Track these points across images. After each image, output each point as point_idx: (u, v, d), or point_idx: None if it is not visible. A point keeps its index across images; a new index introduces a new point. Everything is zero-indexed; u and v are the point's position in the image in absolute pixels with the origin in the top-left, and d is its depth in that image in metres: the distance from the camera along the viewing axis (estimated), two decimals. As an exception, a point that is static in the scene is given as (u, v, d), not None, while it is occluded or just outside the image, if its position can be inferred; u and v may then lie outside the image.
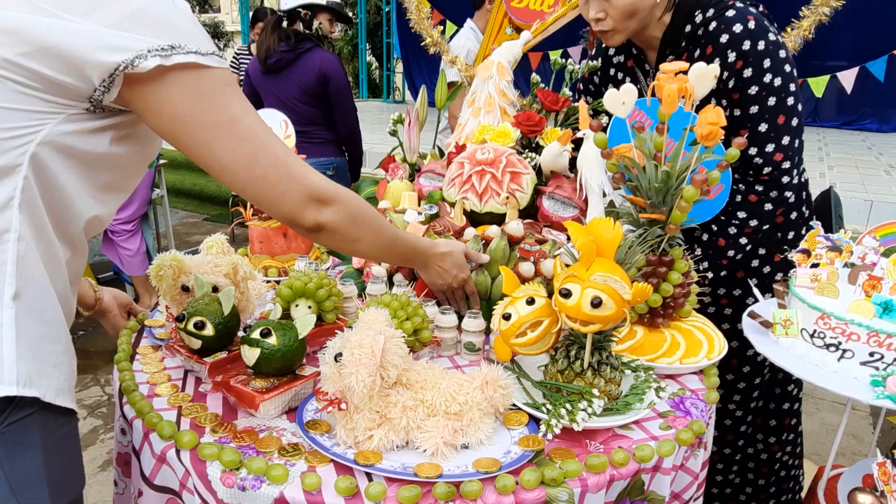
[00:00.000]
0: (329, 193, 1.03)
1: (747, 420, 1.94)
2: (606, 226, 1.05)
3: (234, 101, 0.91)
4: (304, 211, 1.01)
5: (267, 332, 1.15)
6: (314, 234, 1.06)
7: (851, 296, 1.34)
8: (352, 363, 0.99)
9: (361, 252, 1.19)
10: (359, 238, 1.12)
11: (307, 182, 1.00)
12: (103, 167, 0.91)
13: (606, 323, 1.03)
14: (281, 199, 0.98)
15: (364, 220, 1.12)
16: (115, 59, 0.80)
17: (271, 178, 0.96)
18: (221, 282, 1.40)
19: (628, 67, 1.88)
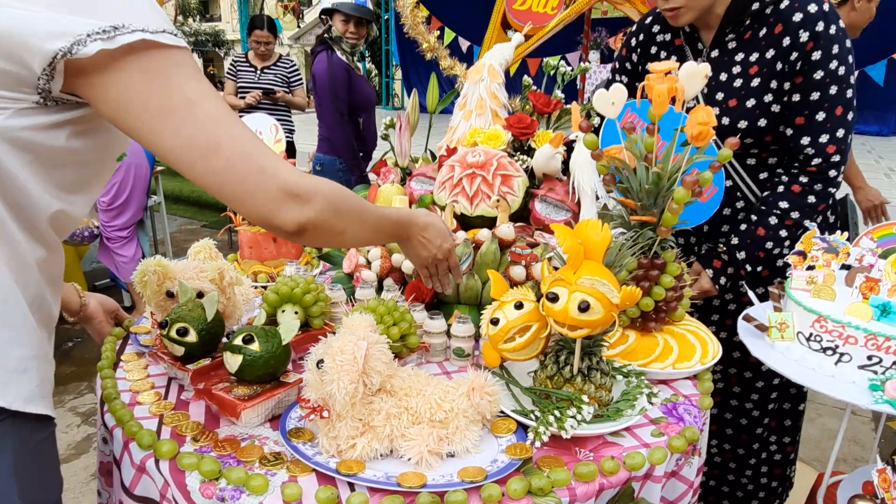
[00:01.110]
0: (307, 188, 0.93)
1: (763, 422, 1.91)
2: (594, 228, 1.03)
3: (192, 83, 0.82)
4: (280, 210, 0.90)
5: (249, 338, 1.12)
6: (297, 237, 0.96)
7: (848, 298, 1.32)
8: (333, 370, 0.96)
9: (347, 242, 1.10)
10: (344, 229, 1.02)
11: (281, 176, 0.90)
12: (63, 164, 0.86)
13: (595, 327, 1.01)
14: (252, 195, 0.88)
15: (347, 209, 1.02)
16: (52, 47, 0.73)
17: (238, 170, 0.86)
18: (207, 287, 1.38)
19: (676, 46, 1.80)
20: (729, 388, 1.91)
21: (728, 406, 1.94)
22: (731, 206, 1.76)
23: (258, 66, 5.08)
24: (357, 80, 3.77)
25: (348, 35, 3.62)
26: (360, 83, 3.79)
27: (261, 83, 5.01)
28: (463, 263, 1.55)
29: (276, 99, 4.98)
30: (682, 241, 1.88)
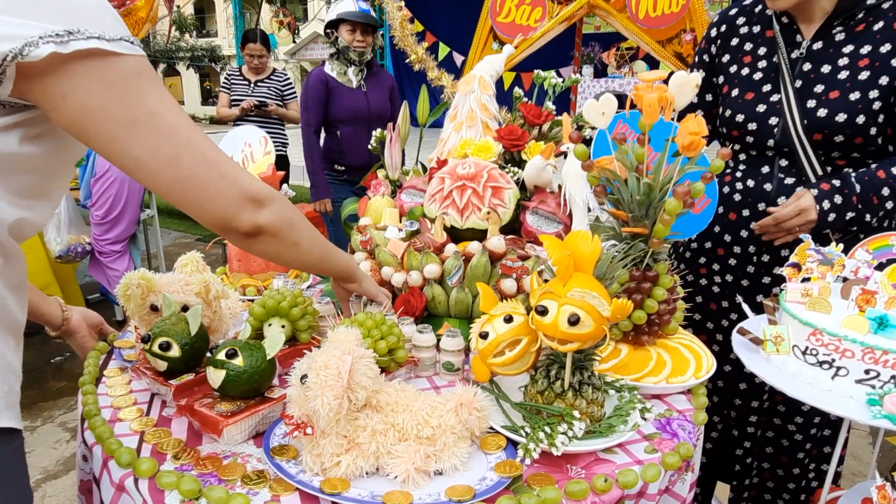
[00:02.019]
0: (264, 193, 0.95)
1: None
2: (584, 239, 1.01)
3: (152, 94, 0.82)
4: (239, 213, 0.92)
5: (233, 352, 1.10)
6: (252, 240, 0.97)
7: (844, 311, 1.30)
8: (317, 385, 0.94)
9: (297, 257, 1.08)
10: (297, 242, 1.04)
11: (241, 182, 0.92)
12: (17, 170, 0.83)
13: (585, 341, 0.98)
14: (213, 201, 0.89)
15: (301, 224, 1.04)
16: (2, 48, 0.71)
17: (200, 178, 0.87)
18: (192, 301, 1.35)
19: (767, 38, 1.73)
20: (728, 400, 1.89)
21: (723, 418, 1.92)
22: None
23: (252, 79, 5.09)
24: (341, 91, 3.76)
25: (355, 44, 3.64)
26: (343, 95, 3.78)
27: (254, 96, 5.01)
28: (453, 276, 1.53)
29: (269, 112, 4.97)
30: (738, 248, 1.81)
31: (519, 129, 1.79)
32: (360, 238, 1.79)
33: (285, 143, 5.28)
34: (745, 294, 1.81)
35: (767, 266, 1.76)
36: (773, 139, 1.69)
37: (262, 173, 1.84)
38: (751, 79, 1.73)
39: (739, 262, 1.81)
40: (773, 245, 1.72)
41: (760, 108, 1.70)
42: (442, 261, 1.58)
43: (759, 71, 1.72)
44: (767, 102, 1.70)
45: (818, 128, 1.60)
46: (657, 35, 2.05)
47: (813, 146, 1.63)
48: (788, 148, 1.66)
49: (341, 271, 1.28)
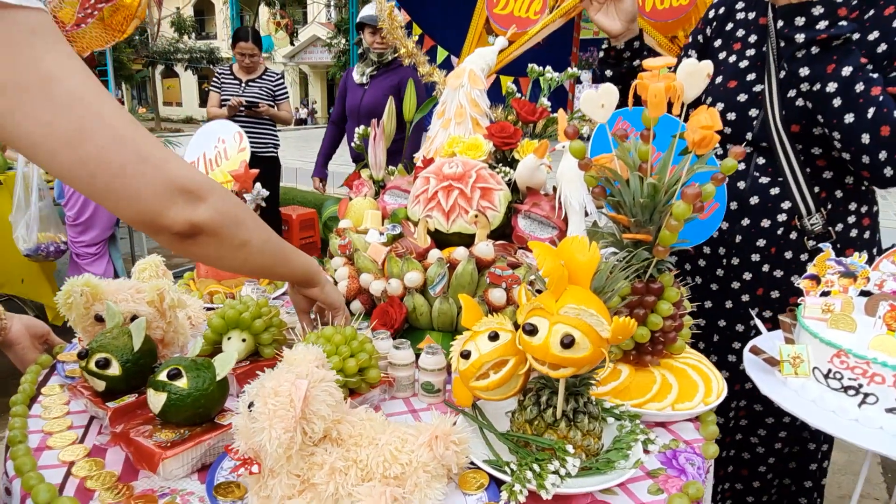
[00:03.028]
0: (202, 184, 0.79)
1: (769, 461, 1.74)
2: (581, 247, 0.87)
3: (50, 56, 0.68)
4: (169, 208, 0.76)
5: (176, 372, 0.96)
6: (187, 241, 0.81)
7: (871, 329, 1.17)
8: (264, 416, 0.80)
9: (250, 261, 0.93)
10: (245, 242, 0.88)
11: (169, 169, 0.76)
12: None
13: (580, 366, 0.84)
14: (132, 190, 0.73)
15: (248, 219, 0.89)
16: None
17: (112, 160, 0.71)
18: (143, 311, 1.21)
19: (760, 26, 1.62)
20: (735, 421, 1.75)
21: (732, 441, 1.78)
22: (772, 218, 1.58)
23: (243, 78, 4.94)
24: (350, 88, 4.25)
25: (375, 45, 4.02)
26: (350, 92, 4.25)
27: (245, 96, 4.86)
28: (436, 285, 1.39)
29: (260, 112, 4.83)
30: (708, 249, 1.70)
31: (511, 126, 1.65)
32: (339, 242, 1.65)
33: (276, 145, 5.14)
34: (713, 299, 1.70)
35: (737, 270, 1.65)
36: (752, 132, 1.58)
37: (234, 170, 1.70)
38: (736, 67, 1.63)
39: (708, 264, 1.70)
40: (743, 247, 1.62)
41: (741, 98, 1.60)
42: (425, 268, 1.44)
43: (746, 59, 1.62)
44: (749, 92, 1.59)
45: (796, 118, 1.50)
46: (664, 29, 1.92)
47: (791, 140, 1.52)
48: (767, 142, 1.56)
49: (300, 275, 1.12)
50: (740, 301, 1.64)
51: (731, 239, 1.62)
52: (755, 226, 1.58)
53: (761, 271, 1.60)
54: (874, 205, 1.62)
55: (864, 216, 1.59)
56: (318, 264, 1.16)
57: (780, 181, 1.56)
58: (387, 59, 4.08)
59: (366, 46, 4.12)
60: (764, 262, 1.59)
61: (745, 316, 1.66)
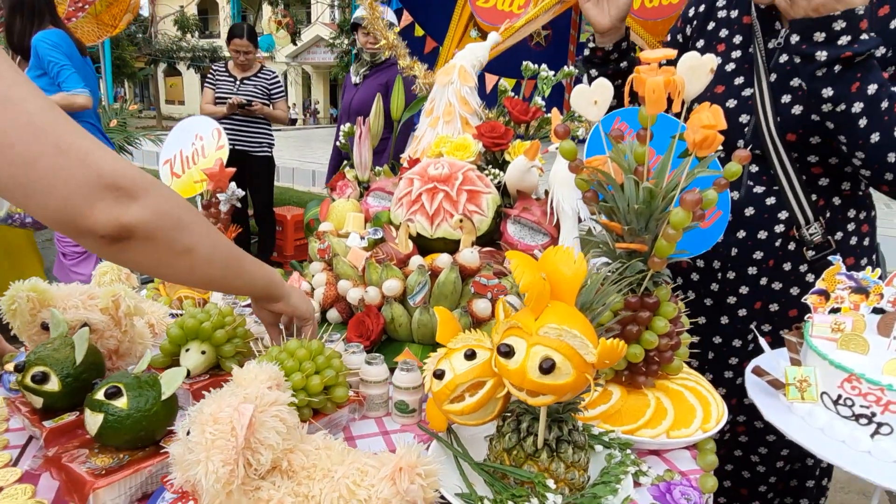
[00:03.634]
0: (135, 180, 0.70)
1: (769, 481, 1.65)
2: (566, 258, 0.77)
3: None
4: (93, 206, 0.66)
5: (115, 391, 0.86)
6: (116, 246, 0.71)
7: (885, 351, 1.07)
8: (201, 446, 0.70)
9: (197, 271, 0.83)
10: (190, 248, 0.77)
11: (94, 161, 0.67)
12: None
13: (562, 394, 0.75)
14: (47, 185, 0.63)
15: (194, 222, 0.79)
16: None
17: (23, 151, 0.62)
18: (94, 318, 1.12)
19: (744, 25, 1.52)
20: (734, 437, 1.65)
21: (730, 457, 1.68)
22: (769, 229, 1.48)
23: (238, 76, 4.86)
24: (347, 88, 4.30)
25: (368, 45, 4.02)
26: (346, 91, 4.31)
27: (239, 94, 4.78)
28: (416, 295, 1.29)
29: (254, 111, 4.74)
30: (702, 262, 1.60)
31: (502, 125, 1.56)
32: (318, 246, 1.56)
33: (272, 144, 5.05)
34: (707, 315, 1.60)
35: (733, 284, 1.55)
36: (744, 140, 1.48)
37: (209, 169, 1.61)
38: (723, 70, 1.52)
39: (702, 278, 1.60)
40: (739, 260, 1.52)
41: (731, 104, 1.49)
42: (406, 275, 1.35)
43: (733, 62, 1.51)
44: (739, 97, 1.49)
45: (792, 126, 1.40)
46: (653, 30, 1.83)
47: (786, 148, 1.42)
48: (760, 150, 1.46)
49: (260, 289, 1.02)
50: (737, 316, 1.55)
51: (726, 252, 1.52)
52: (752, 238, 1.49)
53: (759, 284, 1.51)
54: (872, 209, 1.53)
55: (863, 222, 1.50)
56: (279, 276, 1.07)
57: (775, 190, 1.46)
58: (380, 59, 4.09)
59: (359, 46, 4.16)
60: (762, 275, 1.50)
61: (741, 331, 1.56)
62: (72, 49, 3.14)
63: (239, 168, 5.32)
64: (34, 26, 3.15)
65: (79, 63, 3.19)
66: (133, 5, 4.43)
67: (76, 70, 3.09)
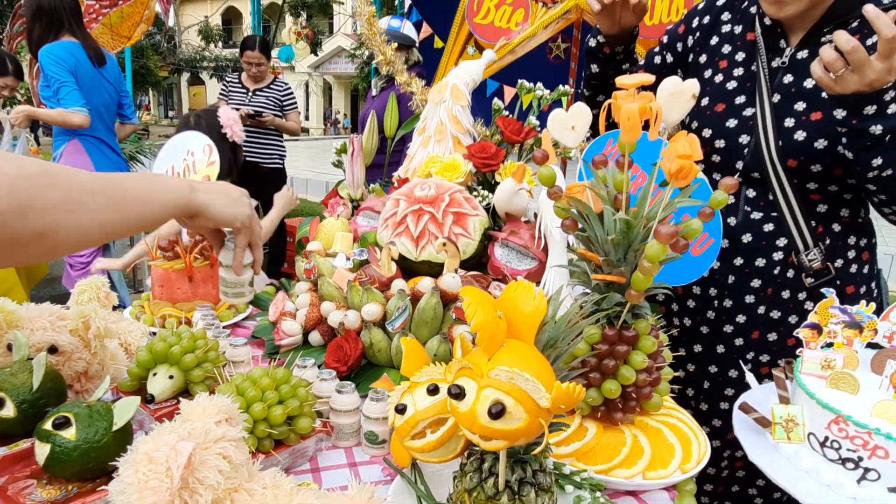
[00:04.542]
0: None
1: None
2: (525, 295, 0.74)
3: None
4: None
5: (63, 421, 0.84)
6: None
7: (876, 391, 1.02)
8: (133, 487, 0.67)
9: (60, 247, 0.71)
10: (45, 231, 0.66)
11: None
12: None
13: (513, 439, 0.71)
14: None
15: (45, 196, 0.67)
16: None
17: None
18: (62, 340, 1.10)
19: (747, 41, 1.46)
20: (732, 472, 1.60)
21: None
22: (767, 256, 1.43)
23: (250, 87, 4.88)
24: (368, 101, 4.26)
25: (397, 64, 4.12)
26: (367, 104, 4.25)
27: (251, 105, 4.80)
28: (395, 320, 1.26)
29: (265, 122, 4.76)
30: (698, 289, 1.55)
31: (493, 145, 1.53)
32: (305, 266, 1.53)
33: (283, 156, 5.06)
34: (703, 343, 1.55)
35: (730, 312, 1.50)
36: (743, 161, 1.43)
37: (195, 186, 1.59)
38: (724, 87, 1.47)
39: (698, 305, 1.54)
40: (736, 288, 1.47)
41: (731, 123, 1.44)
42: (387, 299, 1.32)
43: (734, 79, 1.46)
44: (740, 117, 1.43)
45: (794, 153, 1.34)
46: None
47: (787, 173, 1.37)
48: (759, 173, 1.41)
49: (167, 214, 0.85)
50: (733, 345, 1.49)
51: (723, 279, 1.47)
52: (749, 265, 1.44)
53: (756, 313, 1.45)
54: (873, 236, 1.48)
55: (864, 249, 1.45)
56: (188, 189, 0.89)
57: (774, 216, 1.41)
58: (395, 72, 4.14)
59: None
60: (759, 303, 1.44)
61: (738, 361, 1.51)
62: (78, 64, 3.15)
63: (250, 179, 5.34)
64: (51, 34, 3.18)
65: (87, 77, 3.20)
66: (147, 17, 4.48)
67: (78, 87, 3.10)
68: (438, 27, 2.59)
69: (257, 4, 12.20)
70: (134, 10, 4.28)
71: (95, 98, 3.28)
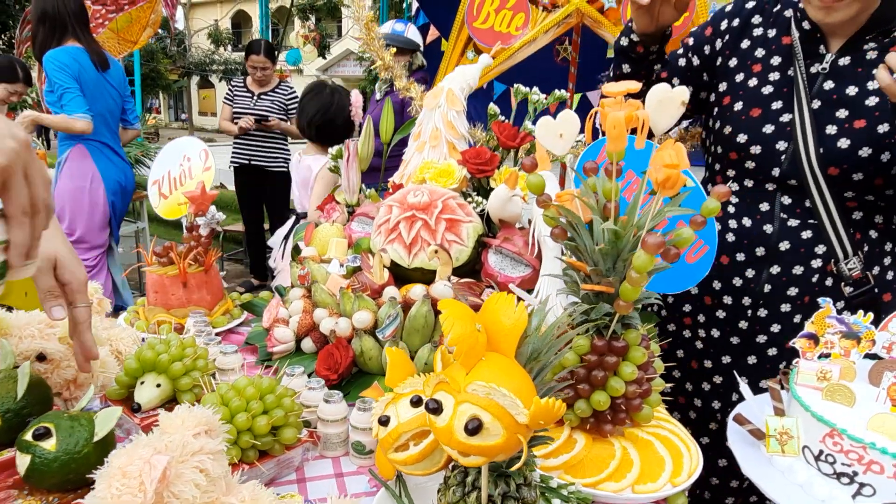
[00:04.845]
0: None
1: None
2: (506, 307, 0.73)
3: None
4: None
5: (43, 431, 0.83)
6: None
7: (873, 404, 1.00)
8: (106, 502, 0.66)
9: None
10: None
11: None
12: None
13: (491, 455, 0.69)
14: None
15: None
16: None
17: None
18: (51, 348, 1.09)
19: (783, 46, 1.43)
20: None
21: None
22: (805, 264, 1.41)
23: (255, 91, 4.90)
24: (372, 104, 3.98)
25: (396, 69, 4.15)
26: (371, 108, 4.00)
27: (256, 109, 4.82)
28: (386, 328, 1.25)
29: (270, 126, 4.77)
30: (729, 299, 1.52)
31: (487, 151, 1.51)
32: (299, 272, 1.53)
33: (287, 159, 5.07)
34: (734, 354, 1.52)
35: (764, 322, 1.47)
36: (780, 168, 1.40)
37: (190, 192, 1.59)
38: (759, 92, 1.44)
39: (730, 316, 1.51)
40: (772, 297, 1.44)
41: (768, 129, 1.41)
42: (379, 306, 1.31)
43: (770, 84, 1.43)
44: (777, 123, 1.40)
45: (836, 161, 1.32)
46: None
47: (827, 181, 1.34)
48: (797, 180, 1.39)
49: None
50: (766, 356, 1.47)
51: (758, 289, 1.44)
52: (786, 273, 1.41)
53: (792, 322, 1.42)
54: None
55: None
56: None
57: (812, 224, 1.39)
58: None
59: None
60: (795, 312, 1.41)
61: (770, 372, 1.48)
62: (82, 69, 3.16)
63: (255, 183, 5.33)
64: (55, 39, 3.19)
65: (91, 83, 3.22)
66: (153, 20, 4.50)
67: (82, 93, 3.11)
68: (444, 29, 2.58)
69: (265, 8, 12.27)
70: (140, 15, 4.30)
71: (100, 103, 3.29)
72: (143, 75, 10.44)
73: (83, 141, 3.28)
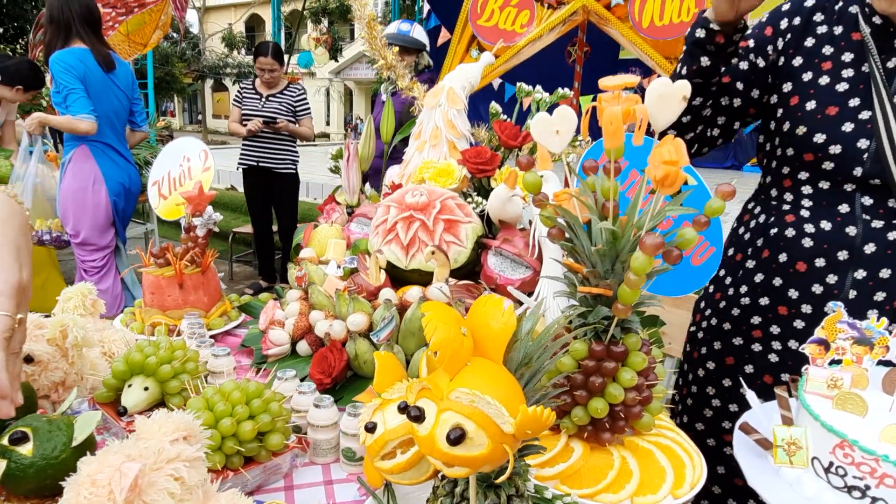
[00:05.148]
0: None
1: None
2: (494, 310, 0.69)
3: None
4: None
5: (20, 436, 0.81)
6: None
7: (886, 414, 0.95)
8: (73, 511, 0.64)
9: None
10: None
11: None
12: None
13: (476, 466, 0.66)
14: None
15: None
16: None
17: None
18: (38, 350, 1.07)
19: (853, 42, 1.38)
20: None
21: None
22: (893, 267, 1.34)
23: (264, 93, 4.89)
24: (378, 105, 4.11)
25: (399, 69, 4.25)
26: (377, 109, 4.13)
27: (264, 111, 4.81)
28: (380, 331, 1.22)
29: (279, 128, 4.76)
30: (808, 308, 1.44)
31: (488, 150, 1.48)
32: (296, 273, 1.50)
33: (295, 161, 5.06)
34: None
35: None
36: (862, 168, 1.33)
37: (187, 192, 1.57)
38: (833, 90, 1.37)
39: (809, 326, 1.43)
40: (858, 303, 1.36)
41: (847, 128, 1.35)
42: (375, 309, 1.28)
43: (844, 81, 1.36)
44: (856, 120, 1.34)
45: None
46: (663, 49, 1.72)
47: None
48: (880, 179, 1.32)
49: None
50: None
51: (842, 295, 1.38)
52: (872, 278, 1.35)
53: None
54: None
55: None
56: None
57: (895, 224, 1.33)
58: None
59: None
60: (882, 318, 1.36)
61: None
62: (88, 70, 3.17)
63: (264, 185, 5.33)
64: (60, 41, 3.20)
65: (97, 84, 3.22)
66: (163, 23, 4.51)
67: (87, 94, 3.12)
68: (451, 27, 2.55)
69: (278, 12, 12.31)
70: (150, 18, 4.31)
71: (105, 104, 3.29)
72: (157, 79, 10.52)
73: (87, 142, 3.28)
